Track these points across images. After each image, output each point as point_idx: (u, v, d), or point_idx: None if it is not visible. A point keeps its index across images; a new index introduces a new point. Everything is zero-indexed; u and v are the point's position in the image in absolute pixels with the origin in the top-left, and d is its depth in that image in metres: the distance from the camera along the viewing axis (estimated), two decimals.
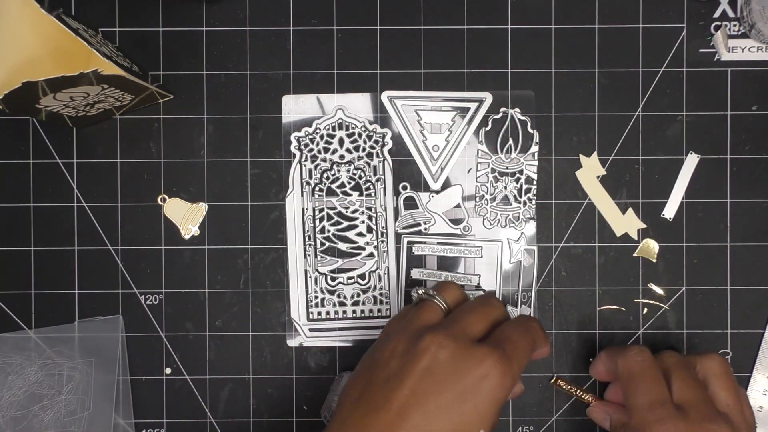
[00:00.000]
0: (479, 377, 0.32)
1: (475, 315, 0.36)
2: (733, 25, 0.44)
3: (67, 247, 0.44)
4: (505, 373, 0.32)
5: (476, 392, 0.32)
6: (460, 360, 0.32)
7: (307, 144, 0.44)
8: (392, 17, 0.44)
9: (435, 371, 0.32)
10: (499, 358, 0.32)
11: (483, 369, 0.32)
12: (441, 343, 0.33)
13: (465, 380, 0.32)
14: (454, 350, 0.33)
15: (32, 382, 0.43)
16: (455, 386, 0.32)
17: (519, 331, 0.35)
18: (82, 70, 0.35)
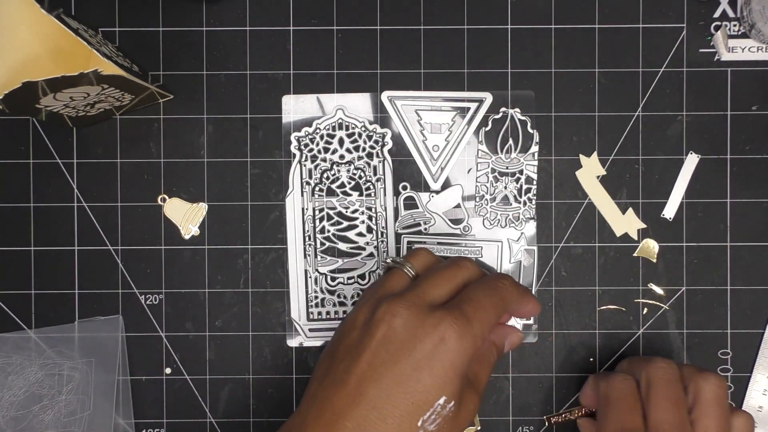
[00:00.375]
0: (434, 342, 0.31)
1: (437, 278, 0.34)
2: (733, 25, 0.44)
3: (67, 247, 0.44)
4: (462, 335, 0.31)
5: (432, 358, 0.30)
6: (414, 327, 0.31)
7: (307, 144, 0.44)
8: (392, 17, 0.44)
9: (390, 341, 0.31)
10: (455, 320, 0.31)
11: (438, 333, 0.31)
12: (395, 312, 0.31)
13: (420, 347, 0.30)
14: (408, 317, 0.31)
15: (32, 382, 0.43)
16: (410, 355, 0.30)
17: (483, 290, 0.33)
18: (82, 70, 0.35)
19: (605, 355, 0.44)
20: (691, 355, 0.44)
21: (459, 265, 0.35)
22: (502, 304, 0.34)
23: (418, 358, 0.30)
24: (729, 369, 0.44)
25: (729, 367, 0.44)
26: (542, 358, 0.44)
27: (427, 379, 0.30)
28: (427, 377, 0.30)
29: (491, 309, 0.33)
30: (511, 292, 0.35)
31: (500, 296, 0.34)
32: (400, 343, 0.31)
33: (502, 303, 0.34)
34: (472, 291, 0.33)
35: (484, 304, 0.33)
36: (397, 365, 0.30)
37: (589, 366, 0.44)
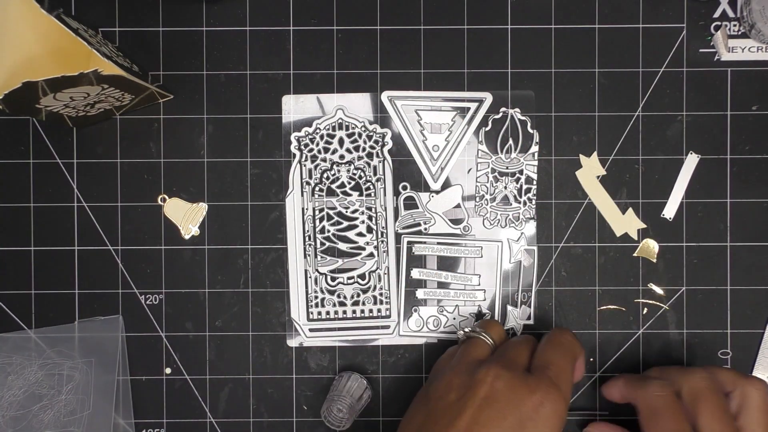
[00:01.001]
0: (535, 405, 0.33)
1: (520, 346, 0.37)
2: (733, 25, 0.44)
3: (67, 247, 0.44)
4: (557, 399, 0.34)
5: (535, 420, 0.33)
6: (515, 388, 0.34)
7: (307, 144, 0.44)
8: (392, 17, 0.44)
9: (494, 400, 0.33)
10: (549, 386, 0.34)
11: (537, 397, 0.33)
12: (497, 374, 0.34)
13: (522, 408, 0.33)
14: (510, 380, 0.34)
15: (32, 382, 0.43)
16: (514, 414, 0.33)
17: (558, 352, 0.37)
18: (82, 70, 0.35)
19: (605, 355, 0.44)
20: (691, 355, 0.44)
21: (528, 339, 0.39)
22: (574, 359, 0.37)
23: (521, 419, 0.33)
24: None
25: (729, 367, 0.44)
26: None
27: None
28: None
29: (569, 368, 0.36)
30: (575, 344, 0.38)
31: (571, 353, 0.37)
32: (503, 402, 0.33)
33: (573, 359, 0.37)
34: (549, 354, 0.36)
35: (564, 367, 0.36)
36: (503, 422, 0.33)
37: (590, 366, 0.44)
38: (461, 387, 0.35)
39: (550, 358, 0.36)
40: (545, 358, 0.36)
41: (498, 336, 0.39)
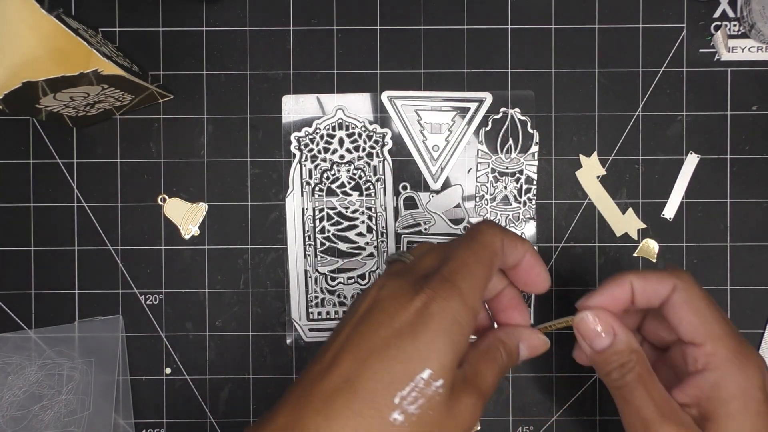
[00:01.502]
0: (418, 309, 0.27)
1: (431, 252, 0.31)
2: (733, 25, 0.44)
3: (67, 247, 0.44)
4: (447, 297, 0.27)
5: (415, 325, 0.27)
6: (399, 295, 0.28)
7: (307, 144, 0.44)
8: (392, 17, 0.44)
9: (372, 312, 0.28)
10: (438, 283, 0.28)
11: (420, 299, 0.27)
12: (383, 284, 0.29)
13: (403, 314, 0.27)
14: (394, 286, 0.28)
15: (32, 382, 0.43)
16: (392, 322, 0.27)
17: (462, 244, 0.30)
18: (82, 70, 0.35)
19: None
20: None
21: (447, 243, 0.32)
22: (487, 254, 0.30)
23: (400, 325, 0.27)
24: None
25: None
26: (542, 358, 0.44)
27: (408, 347, 0.26)
28: (408, 344, 0.26)
29: (475, 263, 0.29)
30: (495, 235, 0.30)
31: (482, 245, 0.30)
32: (381, 312, 0.28)
33: (486, 253, 0.30)
34: (452, 249, 0.30)
35: (465, 260, 0.29)
36: (376, 333, 0.27)
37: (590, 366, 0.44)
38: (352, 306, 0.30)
39: (451, 253, 0.29)
40: (447, 254, 0.30)
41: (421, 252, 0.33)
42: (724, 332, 0.30)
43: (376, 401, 0.26)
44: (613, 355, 0.31)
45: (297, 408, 0.26)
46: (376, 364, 0.26)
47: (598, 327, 0.32)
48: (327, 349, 0.28)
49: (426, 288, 0.28)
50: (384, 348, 0.27)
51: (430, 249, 0.32)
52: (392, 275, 0.30)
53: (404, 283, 0.29)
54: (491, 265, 0.30)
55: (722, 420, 0.29)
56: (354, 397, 0.26)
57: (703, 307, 0.31)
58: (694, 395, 0.30)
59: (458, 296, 0.28)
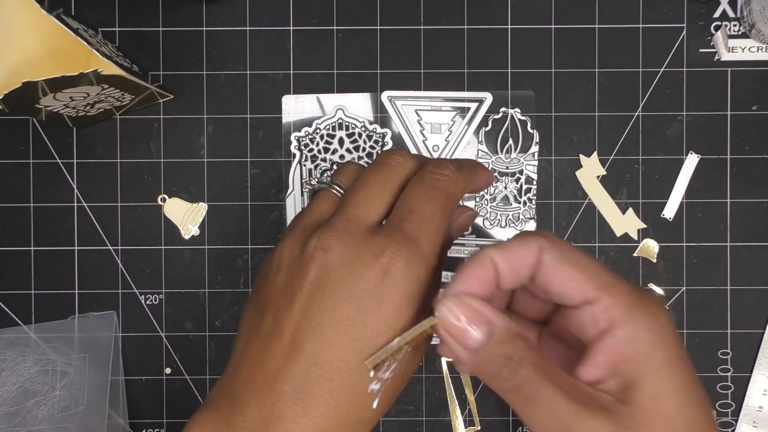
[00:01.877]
0: (378, 277, 0.25)
1: (367, 190, 0.28)
2: (733, 25, 0.44)
3: (67, 247, 0.44)
4: (410, 261, 0.25)
5: (378, 296, 0.25)
6: (352, 261, 0.25)
7: (307, 144, 0.44)
8: (392, 17, 0.44)
9: (325, 282, 0.25)
10: (398, 246, 0.25)
11: (380, 265, 0.25)
12: (326, 246, 0.26)
13: (362, 285, 0.25)
14: (343, 250, 0.25)
15: (26, 378, 0.43)
16: (352, 296, 0.25)
17: (423, 194, 0.27)
18: (82, 70, 0.35)
19: None
20: (691, 355, 0.44)
21: (387, 164, 0.28)
22: (448, 202, 0.27)
23: (362, 298, 0.25)
24: (729, 369, 0.44)
25: (729, 367, 0.44)
26: None
27: (373, 321, 0.25)
28: (374, 319, 0.25)
29: (438, 216, 0.27)
30: (456, 181, 0.28)
31: (444, 194, 0.27)
32: (338, 283, 0.25)
33: (448, 201, 0.27)
34: (410, 199, 0.27)
35: (428, 213, 0.26)
36: (336, 310, 0.25)
37: None
38: (291, 266, 0.26)
39: (411, 204, 0.26)
40: (406, 205, 0.27)
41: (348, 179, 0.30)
42: (616, 279, 0.24)
43: (350, 379, 0.25)
44: (495, 348, 0.24)
45: (268, 394, 0.25)
46: (345, 345, 0.25)
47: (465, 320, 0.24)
48: (280, 324, 0.26)
49: (387, 250, 0.25)
50: (350, 324, 0.25)
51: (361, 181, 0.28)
52: (333, 231, 0.26)
53: (356, 243, 0.26)
54: (449, 217, 0.28)
55: (650, 379, 0.23)
56: (327, 379, 0.24)
57: (581, 259, 0.24)
58: (605, 363, 0.23)
59: (422, 258, 0.26)
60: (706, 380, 0.44)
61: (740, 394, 0.44)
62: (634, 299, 0.24)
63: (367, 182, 0.28)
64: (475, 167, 0.30)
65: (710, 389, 0.44)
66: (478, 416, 0.44)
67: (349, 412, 0.25)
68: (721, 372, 0.44)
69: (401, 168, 0.28)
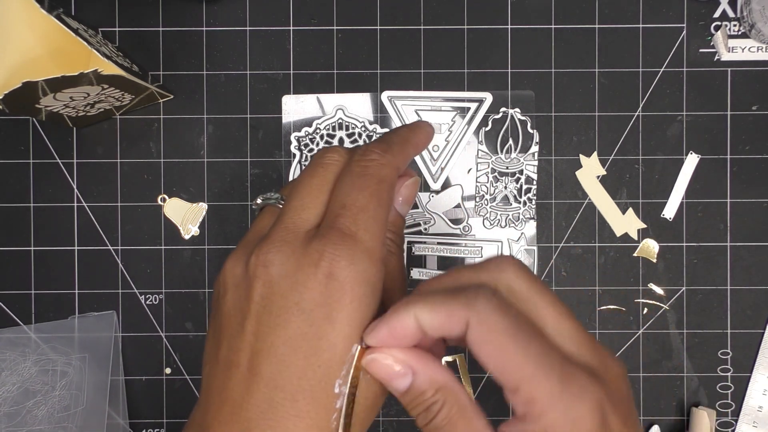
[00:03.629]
0: (322, 283, 0.24)
1: (301, 195, 0.26)
2: (733, 25, 0.44)
3: (67, 247, 0.44)
4: (353, 259, 0.24)
5: (326, 304, 0.23)
6: (293, 271, 0.24)
7: (307, 144, 0.44)
8: (392, 17, 0.44)
9: (271, 298, 0.24)
10: (336, 245, 0.24)
11: (321, 271, 0.24)
12: (266, 261, 0.24)
13: (308, 296, 0.23)
14: (283, 262, 0.24)
15: (26, 378, 0.43)
16: (299, 309, 0.23)
17: (354, 186, 0.25)
18: (82, 70, 0.35)
19: None
20: (691, 355, 0.44)
21: (321, 164, 0.27)
22: (381, 186, 0.26)
23: (310, 310, 0.23)
24: (729, 369, 0.44)
25: (729, 367, 0.44)
26: None
27: (329, 332, 0.23)
28: (328, 330, 0.23)
29: (373, 203, 0.25)
30: (385, 163, 0.26)
31: (375, 179, 0.26)
32: (283, 297, 0.24)
33: (380, 185, 0.26)
34: (341, 194, 0.25)
35: (361, 204, 0.25)
36: (287, 326, 0.23)
37: None
38: (236, 286, 0.25)
39: (343, 199, 0.25)
40: (338, 200, 0.25)
41: None
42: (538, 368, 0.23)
43: (315, 398, 0.23)
44: (416, 397, 0.24)
45: (236, 426, 0.24)
46: (301, 361, 0.23)
47: (395, 365, 0.24)
48: (235, 350, 0.25)
49: (325, 252, 0.24)
50: (303, 340, 0.23)
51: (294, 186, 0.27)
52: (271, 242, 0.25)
53: (295, 252, 0.24)
54: (389, 201, 0.26)
55: None
56: (291, 401, 0.23)
57: (507, 341, 0.23)
58: None
59: (364, 252, 0.24)
60: (706, 380, 0.44)
61: (740, 394, 0.44)
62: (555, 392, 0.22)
63: (302, 187, 0.26)
64: (407, 131, 0.28)
65: (710, 389, 0.44)
66: None
67: (321, 429, 0.23)
68: (721, 372, 0.44)
69: (335, 165, 0.27)
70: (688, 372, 0.44)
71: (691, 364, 0.44)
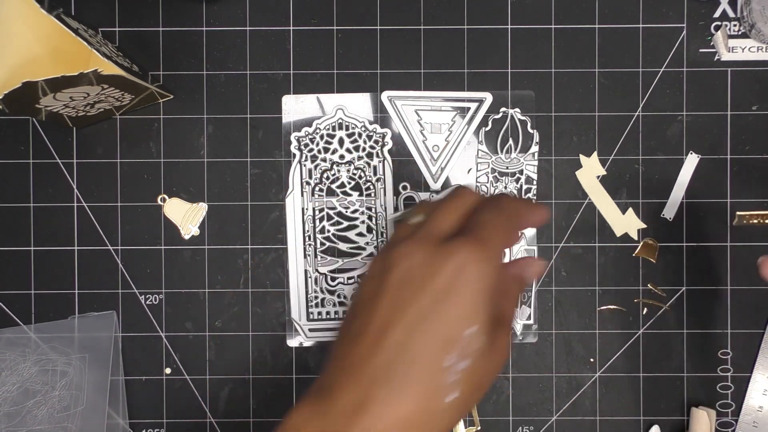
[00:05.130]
0: (453, 272, 0.29)
1: (442, 211, 0.33)
2: (733, 25, 0.44)
3: (67, 247, 0.44)
4: (480, 259, 0.29)
5: (452, 289, 0.29)
6: (430, 262, 0.29)
7: (307, 144, 0.44)
8: (392, 17, 0.44)
9: (408, 281, 0.29)
10: (471, 247, 0.29)
11: (455, 263, 0.29)
12: (409, 251, 0.30)
13: (439, 281, 0.29)
14: (423, 254, 0.30)
15: (26, 378, 0.43)
16: (431, 290, 0.29)
17: (491, 212, 0.32)
18: (82, 70, 0.35)
19: (605, 355, 0.44)
20: (691, 355, 0.44)
21: (460, 194, 0.34)
22: (511, 221, 0.33)
23: (438, 291, 0.29)
24: (729, 369, 0.44)
25: (729, 367, 0.44)
26: (542, 358, 0.44)
27: (450, 312, 0.29)
28: (450, 309, 0.29)
29: (503, 228, 0.32)
30: (517, 207, 0.33)
31: (508, 214, 0.32)
32: (418, 280, 0.29)
33: (511, 220, 0.33)
34: (480, 215, 0.32)
35: (496, 224, 0.31)
36: (418, 303, 0.29)
37: (589, 366, 0.44)
38: (378, 275, 0.31)
39: (481, 218, 0.32)
40: (476, 218, 0.32)
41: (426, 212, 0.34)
42: None
43: (431, 365, 0.28)
44: None
45: (358, 382, 0.28)
46: (425, 332, 0.28)
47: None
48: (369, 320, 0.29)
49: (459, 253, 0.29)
50: (430, 314, 0.28)
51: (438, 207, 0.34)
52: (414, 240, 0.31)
53: (432, 248, 0.30)
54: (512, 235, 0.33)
55: None
56: (412, 365, 0.28)
57: None
58: None
59: (490, 260, 0.30)
60: (706, 380, 0.44)
61: (740, 394, 0.44)
62: None
63: (445, 207, 0.33)
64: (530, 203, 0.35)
65: (710, 389, 0.44)
66: (478, 416, 0.44)
67: (428, 399, 0.28)
68: (721, 372, 0.44)
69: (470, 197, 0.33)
70: (688, 372, 0.44)
71: (691, 364, 0.44)
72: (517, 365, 0.44)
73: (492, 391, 0.44)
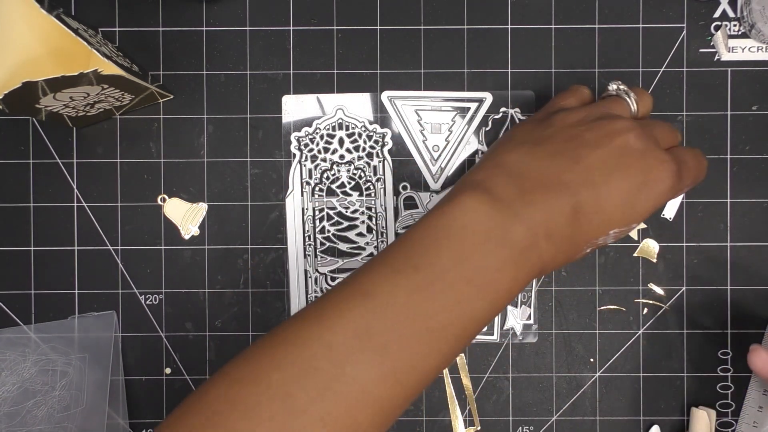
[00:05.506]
0: (658, 178, 0.33)
1: (666, 129, 0.36)
2: (733, 25, 0.44)
3: (67, 247, 0.44)
4: (674, 186, 0.33)
5: (651, 189, 0.32)
6: (648, 156, 0.33)
7: (307, 144, 0.44)
8: (392, 17, 0.44)
9: (626, 154, 0.32)
10: (676, 170, 0.33)
11: (662, 173, 0.33)
12: (637, 134, 0.33)
13: (647, 174, 0.32)
14: (647, 145, 0.33)
15: (26, 378, 0.43)
16: (638, 175, 0.32)
17: (695, 159, 0.36)
18: (82, 70, 0.35)
19: (605, 355, 0.44)
20: (691, 355, 0.44)
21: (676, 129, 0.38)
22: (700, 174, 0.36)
23: (642, 182, 0.32)
24: (729, 369, 0.44)
25: (729, 367, 0.44)
26: (542, 358, 0.44)
27: (639, 205, 0.32)
28: (640, 203, 0.32)
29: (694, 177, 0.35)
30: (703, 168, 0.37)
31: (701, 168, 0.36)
32: (633, 160, 0.32)
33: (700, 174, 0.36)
34: (687, 155, 0.35)
35: (693, 171, 0.35)
36: (624, 179, 0.32)
37: (589, 366, 0.44)
38: (595, 129, 0.33)
39: (687, 158, 0.35)
40: (684, 156, 0.35)
41: (644, 109, 0.38)
42: None
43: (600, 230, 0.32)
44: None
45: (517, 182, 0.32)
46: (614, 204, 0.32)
47: None
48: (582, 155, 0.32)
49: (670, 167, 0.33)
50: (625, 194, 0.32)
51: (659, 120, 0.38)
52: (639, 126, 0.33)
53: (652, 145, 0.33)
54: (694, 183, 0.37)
55: None
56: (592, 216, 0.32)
57: None
58: None
59: (677, 191, 0.34)
60: (706, 380, 0.44)
61: (740, 394, 0.44)
62: None
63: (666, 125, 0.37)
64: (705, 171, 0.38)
65: (710, 389, 0.44)
66: (478, 416, 0.44)
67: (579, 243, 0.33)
68: (721, 372, 0.44)
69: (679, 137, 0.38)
70: (688, 372, 0.44)
71: (691, 364, 0.44)
72: (517, 365, 0.44)
73: (492, 391, 0.44)
